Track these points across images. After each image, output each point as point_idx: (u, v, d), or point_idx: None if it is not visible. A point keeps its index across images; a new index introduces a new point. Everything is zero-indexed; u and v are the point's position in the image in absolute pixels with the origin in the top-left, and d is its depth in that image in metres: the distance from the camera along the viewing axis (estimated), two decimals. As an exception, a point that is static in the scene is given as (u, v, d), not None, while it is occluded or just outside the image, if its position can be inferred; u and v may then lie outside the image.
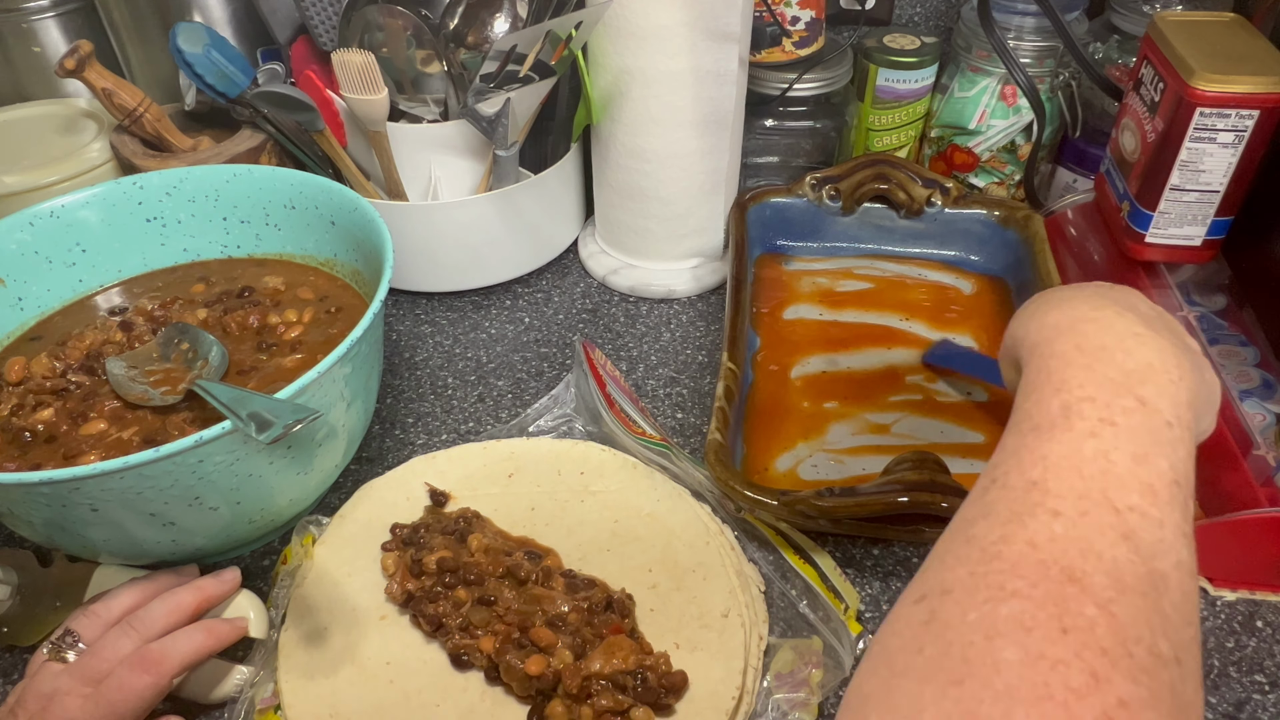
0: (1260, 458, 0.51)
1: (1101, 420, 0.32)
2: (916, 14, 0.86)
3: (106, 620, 0.46)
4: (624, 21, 0.64)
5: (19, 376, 0.55)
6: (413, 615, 0.50)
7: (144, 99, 0.71)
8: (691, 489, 0.57)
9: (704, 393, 0.66)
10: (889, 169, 0.72)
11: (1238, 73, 0.54)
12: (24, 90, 0.85)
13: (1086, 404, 0.33)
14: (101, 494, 0.43)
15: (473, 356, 0.70)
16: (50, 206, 0.59)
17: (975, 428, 0.60)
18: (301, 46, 0.75)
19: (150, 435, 0.51)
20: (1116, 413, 0.32)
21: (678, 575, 0.52)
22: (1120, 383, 0.34)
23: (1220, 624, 0.51)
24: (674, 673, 0.46)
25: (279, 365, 0.55)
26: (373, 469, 0.61)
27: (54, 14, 0.83)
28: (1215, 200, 0.58)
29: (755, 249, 0.73)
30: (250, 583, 0.52)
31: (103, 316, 0.61)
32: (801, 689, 0.46)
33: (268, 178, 0.62)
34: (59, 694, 0.42)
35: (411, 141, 0.71)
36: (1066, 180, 0.79)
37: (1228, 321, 0.61)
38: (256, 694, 0.47)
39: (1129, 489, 0.30)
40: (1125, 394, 0.33)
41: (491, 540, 0.53)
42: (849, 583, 0.52)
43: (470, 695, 0.47)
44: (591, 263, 0.78)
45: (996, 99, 0.76)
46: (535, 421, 0.63)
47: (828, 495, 0.49)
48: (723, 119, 0.68)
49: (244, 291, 0.61)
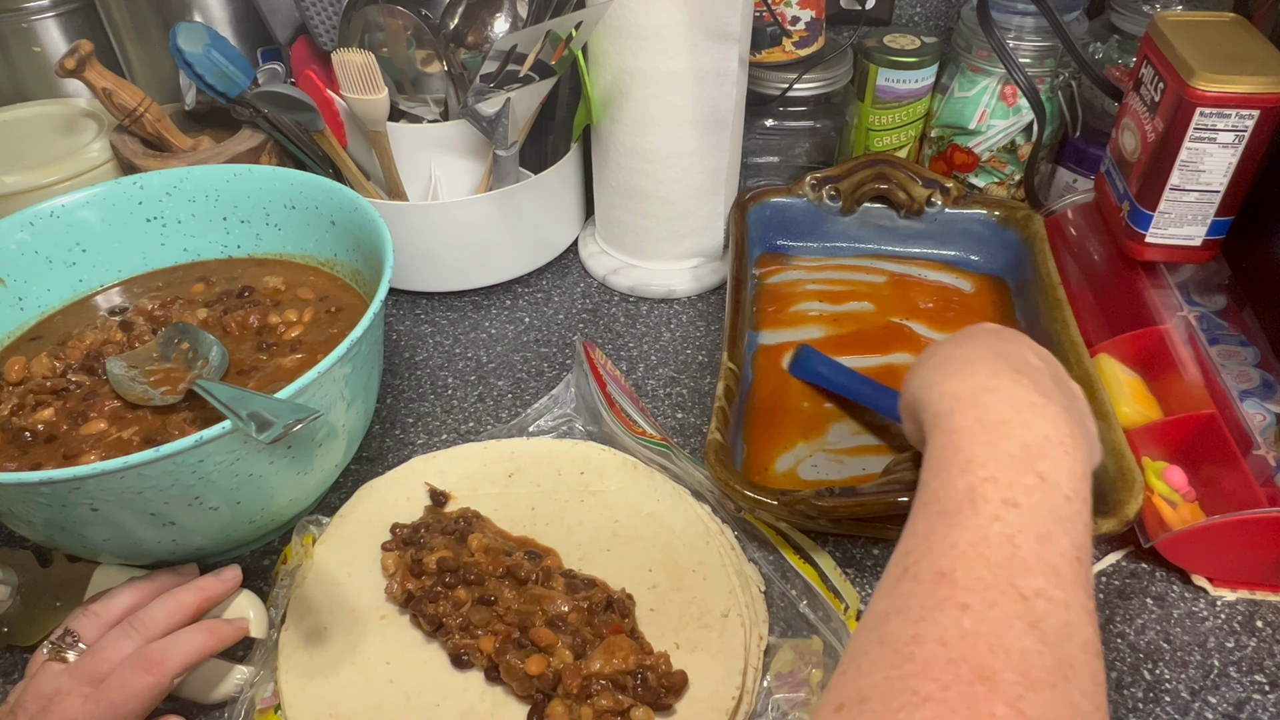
0: (1260, 458, 0.51)
1: (1005, 502, 0.33)
2: (916, 14, 0.86)
3: (106, 620, 0.46)
4: (624, 21, 0.64)
5: (19, 376, 0.55)
6: (413, 615, 0.50)
7: (144, 99, 0.71)
8: (691, 489, 0.57)
9: (704, 393, 0.66)
10: (889, 169, 0.72)
11: (1238, 73, 0.54)
12: (24, 90, 0.85)
13: (990, 485, 0.34)
14: (101, 494, 0.43)
15: (473, 356, 0.70)
16: (50, 206, 0.59)
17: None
18: (301, 46, 0.75)
19: (150, 435, 0.51)
20: (1019, 492, 0.33)
21: (678, 575, 0.52)
22: (1020, 459, 0.34)
23: (1220, 624, 0.51)
24: (674, 673, 0.46)
25: (279, 365, 0.55)
26: (373, 469, 0.61)
27: (54, 14, 0.83)
28: (1215, 200, 0.58)
29: (755, 249, 0.73)
30: (250, 583, 0.52)
31: (103, 316, 0.61)
32: (801, 689, 0.46)
33: (268, 178, 0.62)
34: (59, 694, 0.42)
35: (411, 141, 0.71)
36: (1066, 180, 0.79)
37: (1228, 321, 0.61)
38: (256, 694, 0.47)
39: (1034, 573, 0.31)
40: (1026, 471, 0.34)
41: (491, 540, 0.53)
42: (849, 583, 0.52)
43: (470, 695, 0.47)
44: (591, 263, 0.78)
45: (996, 99, 0.76)
46: (535, 421, 0.63)
47: (828, 495, 0.49)
48: (723, 119, 0.68)
49: (244, 291, 0.61)
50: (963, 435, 0.36)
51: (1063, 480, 0.34)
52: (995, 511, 0.33)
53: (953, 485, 0.35)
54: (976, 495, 0.33)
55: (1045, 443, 0.35)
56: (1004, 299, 0.69)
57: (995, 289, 0.70)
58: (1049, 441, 0.35)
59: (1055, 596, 0.30)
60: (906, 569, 0.33)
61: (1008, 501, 0.33)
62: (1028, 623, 0.29)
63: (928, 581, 0.31)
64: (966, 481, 0.34)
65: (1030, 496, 0.33)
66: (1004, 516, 0.32)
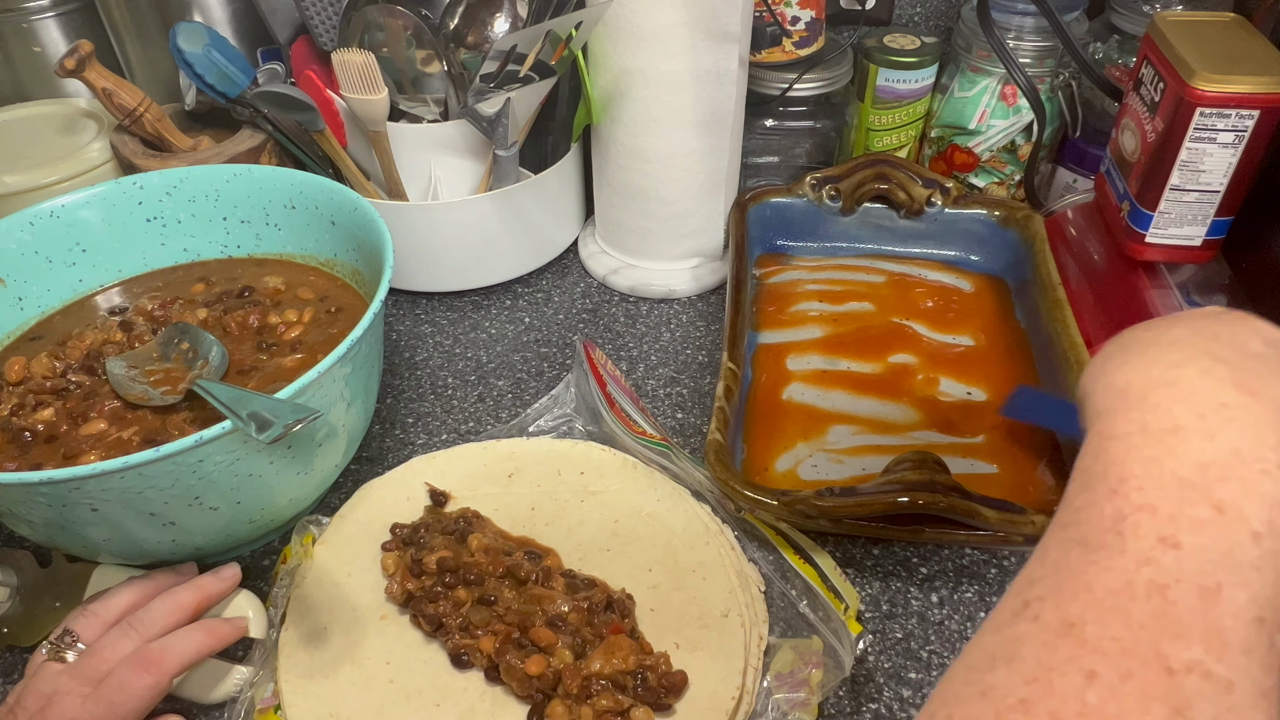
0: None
1: (1162, 540, 0.26)
2: (916, 14, 0.86)
3: (105, 620, 0.46)
4: (624, 21, 0.64)
5: (19, 376, 0.55)
6: (413, 615, 0.50)
7: (144, 99, 0.71)
8: (691, 489, 0.57)
9: (704, 393, 0.66)
10: (889, 169, 0.72)
11: (1238, 73, 0.54)
12: (24, 90, 0.85)
13: (1145, 515, 0.27)
14: (101, 494, 0.43)
15: (473, 356, 0.70)
16: (50, 206, 0.59)
17: (976, 427, 0.60)
18: (301, 46, 0.75)
19: (150, 435, 0.51)
20: (1183, 529, 0.26)
21: (678, 575, 0.52)
22: (1192, 483, 0.27)
23: (1220, 624, 0.51)
24: (674, 673, 0.46)
25: (279, 365, 0.55)
26: (373, 469, 0.61)
27: (54, 14, 0.83)
28: (1215, 200, 0.58)
29: (755, 249, 0.73)
30: (250, 582, 0.52)
31: (103, 316, 0.61)
32: (801, 689, 0.46)
33: (268, 178, 0.62)
34: (59, 694, 0.42)
35: (411, 141, 0.71)
36: (1066, 180, 0.79)
37: (1228, 321, 0.61)
38: (256, 694, 0.47)
39: (1190, 639, 0.24)
40: (1198, 500, 0.26)
41: (491, 540, 0.53)
42: (849, 583, 0.51)
43: (470, 695, 0.47)
44: (591, 263, 0.78)
45: (997, 99, 0.76)
46: (535, 421, 0.63)
47: (828, 495, 0.49)
48: (723, 119, 0.68)
49: (244, 291, 0.61)
50: (1119, 444, 0.29)
51: (1252, 510, 0.26)
52: (1147, 552, 0.26)
53: (1098, 508, 0.28)
54: (1125, 527, 0.27)
55: (1233, 460, 0.27)
56: (1004, 299, 0.69)
57: (995, 289, 0.70)
58: (1239, 458, 0.27)
59: (1214, 673, 0.23)
60: (1028, 604, 0.27)
61: (1166, 540, 0.26)
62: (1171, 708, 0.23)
63: (1051, 630, 0.25)
64: (1115, 506, 0.27)
65: (1199, 535, 0.26)
66: (1158, 560, 0.25)
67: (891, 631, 0.51)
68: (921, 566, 0.54)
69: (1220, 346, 0.31)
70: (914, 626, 0.51)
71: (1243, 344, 0.31)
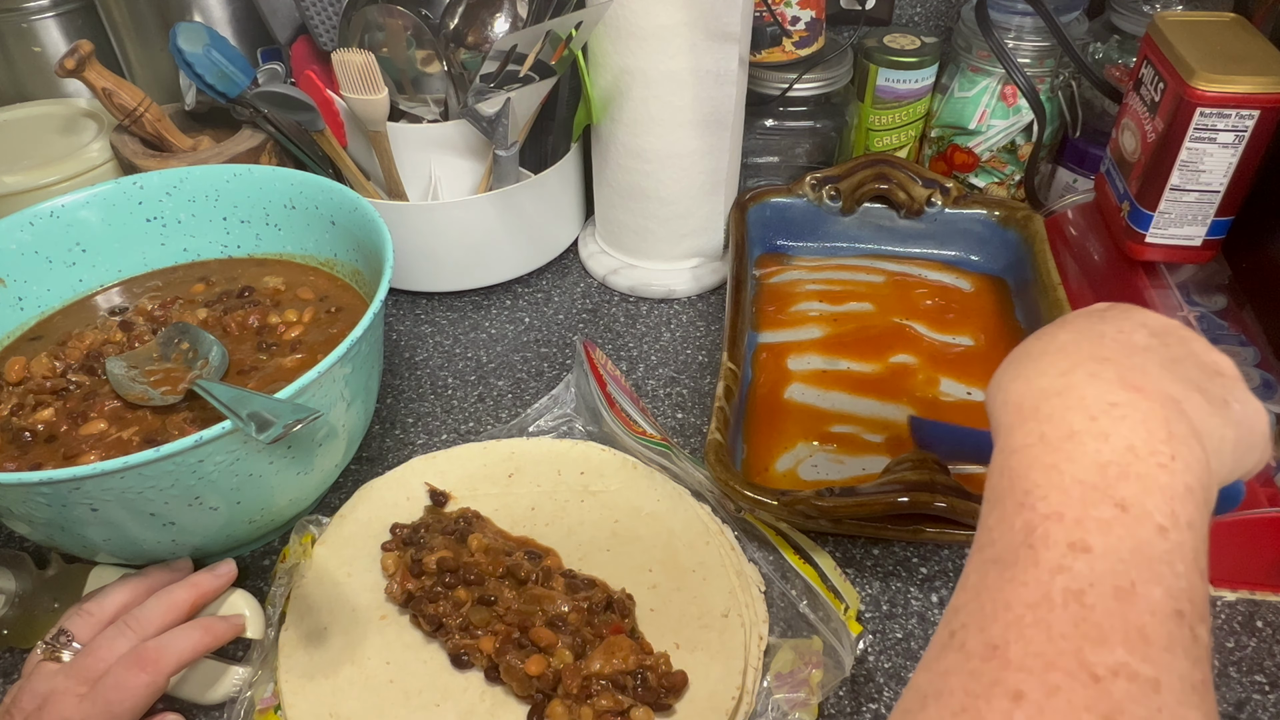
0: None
1: (1072, 546, 0.26)
2: (916, 14, 0.86)
3: (100, 619, 0.46)
4: (624, 21, 0.64)
5: (19, 376, 0.55)
6: (413, 615, 0.50)
7: (144, 99, 0.71)
8: (691, 489, 0.57)
9: (704, 393, 0.66)
10: (889, 169, 0.72)
11: (1238, 73, 0.54)
12: (24, 90, 0.85)
13: (1053, 524, 0.26)
14: (101, 494, 0.43)
15: (473, 356, 0.70)
16: (50, 206, 0.59)
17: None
18: (301, 46, 0.75)
19: (150, 435, 0.51)
20: (1090, 531, 0.26)
21: (678, 575, 0.52)
22: (1093, 485, 0.27)
23: (1220, 624, 0.51)
24: (674, 673, 0.46)
25: (279, 365, 0.55)
26: (373, 469, 0.61)
27: (54, 14, 0.83)
28: (1215, 200, 0.58)
29: (755, 249, 0.73)
30: (250, 582, 0.52)
31: (103, 316, 0.61)
32: (801, 689, 0.46)
33: (268, 178, 0.62)
34: (55, 694, 0.42)
35: (411, 141, 0.71)
36: (1066, 180, 0.79)
37: (1228, 321, 0.61)
38: (256, 694, 0.47)
39: (1111, 642, 0.24)
40: (1100, 500, 0.26)
41: (491, 540, 0.53)
42: (849, 583, 0.51)
43: (470, 695, 0.47)
44: (591, 263, 0.78)
45: (997, 99, 0.76)
46: (535, 421, 0.63)
47: (828, 495, 0.49)
48: (723, 119, 0.68)
49: (244, 291, 0.61)
50: (1020, 458, 0.29)
51: (1155, 504, 0.26)
52: (1059, 560, 0.25)
53: (1009, 524, 0.27)
54: (1036, 539, 0.26)
55: (1129, 457, 0.27)
56: (1004, 299, 0.69)
57: (995, 289, 0.70)
58: (1134, 455, 0.27)
59: (1140, 673, 0.23)
60: (954, 633, 0.26)
61: (1075, 545, 0.26)
62: (1100, 715, 0.22)
63: (976, 656, 0.25)
64: (1025, 519, 0.27)
65: (1107, 535, 0.26)
66: (1070, 567, 0.25)
67: (891, 631, 0.51)
68: (921, 566, 0.54)
69: (1105, 346, 0.31)
70: (914, 626, 0.51)
71: (1128, 340, 0.32)
